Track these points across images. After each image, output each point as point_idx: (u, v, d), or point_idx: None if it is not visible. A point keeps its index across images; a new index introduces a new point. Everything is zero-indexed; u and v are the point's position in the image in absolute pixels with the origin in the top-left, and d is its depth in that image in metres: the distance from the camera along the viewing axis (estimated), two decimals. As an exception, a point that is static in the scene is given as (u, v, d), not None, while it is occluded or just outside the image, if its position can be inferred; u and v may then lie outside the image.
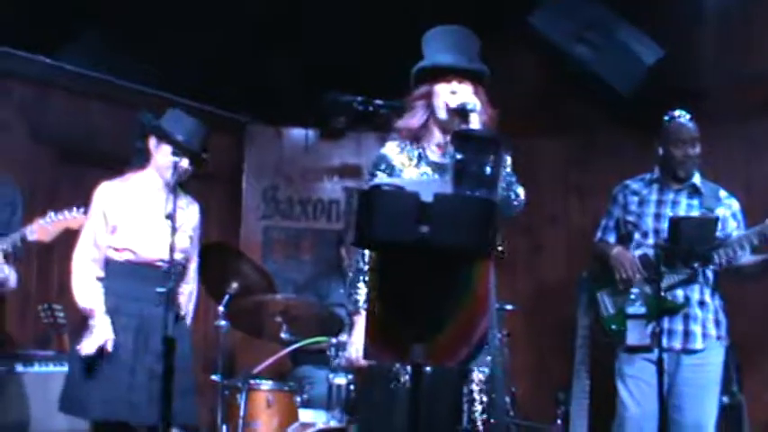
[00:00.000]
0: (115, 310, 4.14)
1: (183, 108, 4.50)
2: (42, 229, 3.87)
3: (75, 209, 4.06)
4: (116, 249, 4.19)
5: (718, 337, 4.57)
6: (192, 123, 4.34)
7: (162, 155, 4.23)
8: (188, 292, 4.47)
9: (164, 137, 4.22)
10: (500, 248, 2.48)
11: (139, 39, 5.92)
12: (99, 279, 4.18)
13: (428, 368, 2.85)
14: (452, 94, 3.54)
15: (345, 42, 6.09)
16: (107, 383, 4.04)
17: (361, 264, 3.57)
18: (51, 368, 4.95)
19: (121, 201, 4.23)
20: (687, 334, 4.50)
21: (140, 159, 4.32)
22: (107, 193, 4.24)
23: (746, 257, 4.51)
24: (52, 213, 3.91)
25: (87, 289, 4.14)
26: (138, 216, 4.20)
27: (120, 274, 4.19)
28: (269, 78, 6.41)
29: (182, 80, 6.04)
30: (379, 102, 5.72)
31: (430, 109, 3.62)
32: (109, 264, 4.21)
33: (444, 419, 3.33)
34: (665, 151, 4.63)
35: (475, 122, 3.38)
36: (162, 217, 4.08)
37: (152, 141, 4.26)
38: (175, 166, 4.10)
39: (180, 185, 4.21)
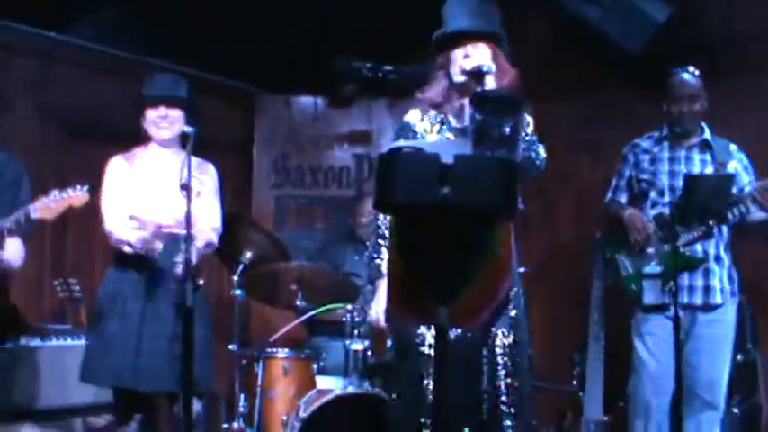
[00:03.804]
0: (122, 278, 4.18)
1: (190, 79, 4.50)
2: (45, 207, 3.85)
3: (78, 187, 4.07)
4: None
5: (732, 293, 4.58)
6: (164, 78, 4.39)
7: (147, 119, 4.29)
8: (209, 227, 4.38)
9: (141, 102, 4.29)
10: (521, 209, 2.48)
11: (146, 10, 5.89)
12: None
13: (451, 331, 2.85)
14: (466, 59, 3.55)
15: (353, 8, 6.05)
16: (118, 352, 4.07)
17: (382, 228, 3.58)
18: (69, 342, 4.98)
19: (127, 172, 4.29)
20: (708, 289, 4.51)
21: (141, 138, 4.36)
22: (115, 164, 4.32)
23: (757, 213, 4.51)
24: (56, 192, 3.89)
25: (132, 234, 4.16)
26: (142, 185, 4.24)
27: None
28: (277, 47, 6.38)
29: (190, 52, 6.01)
30: (388, 68, 5.69)
31: (448, 77, 3.63)
32: None
33: (464, 381, 3.34)
34: (667, 108, 4.63)
35: (491, 84, 3.38)
36: (167, 184, 4.14)
37: (141, 116, 4.32)
38: (165, 118, 4.19)
39: (184, 147, 4.20)
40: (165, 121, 4.25)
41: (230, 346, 4.96)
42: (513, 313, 3.52)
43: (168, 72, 4.62)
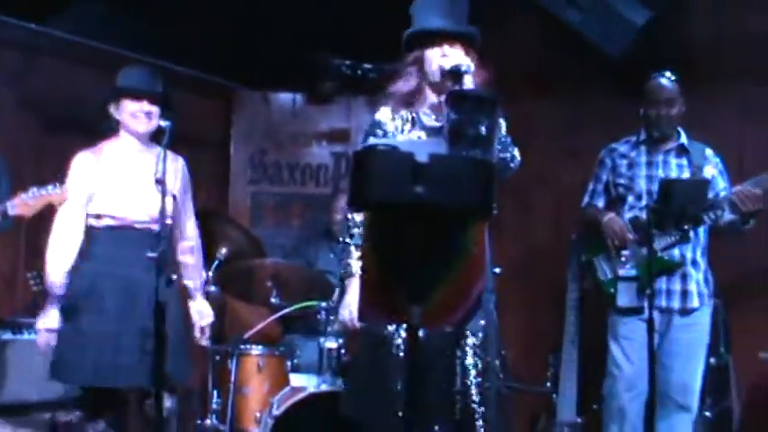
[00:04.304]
0: (97, 274, 4.12)
1: (168, 73, 4.47)
2: (23, 203, 3.83)
3: (58, 184, 4.03)
4: (96, 216, 4.16)
5: (708, 296, 4.61)
6: (143, 71, 4.33)
7: (124, 112, 4.21)
8: (188, 247, 4.44)
9: (118, 93, 4.21)
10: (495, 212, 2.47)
11: (126, 4, 5.85)
12: (79, 248, 4.17)
13: (422, 331, 2.84)
14: (444, 58, 3.54)
15: (333, 6, 6.03)
16: (94, 349, 4.02)
17: (353, 227, 3.57)
18: (42, 336, 4.91)
19: (96, 169, 4.20)
20: (685, 293, 4.54)
21: (110, 130, 4.29)
22: (81, 162, 4.22)
23: (727, 216, 4.53)
24: (35, 188, 3.87)
25: (53, 268, 4.14)
26: (114, 181, 4.17)
27: (101, 240, 4.17)
28: (256, 43, 6.35)
29: (169, 46, 5.98)
30: (367, 66, 5.70)
31: (422, 74, 3.63)
32: (90, 231, 4.19)
33: (437, 382, 3.34)
34: (644, 112, 4.66)
35: (469, 84, 3.37)
36: (140, 179, 4.09)
37: (112, 107, 4.23)
38: (149, 114, 4.14)
39: (157, 143, 4.17)
40: (146, 116, 4.18)
41: (204, 342, 4.93)
42: (484, 313, 3.51)
43: (148, 66, 4.56)
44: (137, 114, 4.18)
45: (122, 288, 4.07)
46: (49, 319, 4.09)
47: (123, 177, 4.18)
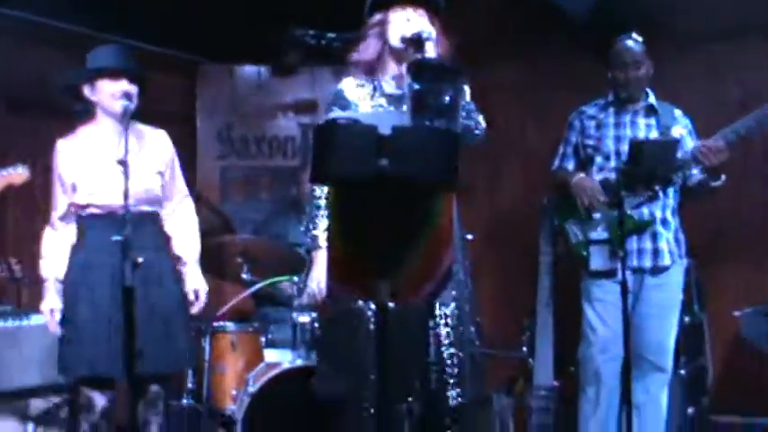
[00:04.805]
0: (87, 265, 4.05)
1: (133, 50, 4.38)
2: None
3: (19, 165, 3.95)
4: (81, 206, 4.08)
5: (680, 256, 4.62)
6: (118, 50, 4.20)
7: (102, 93, 4.08)
8: (178, 218, 4.36)
9: (94, 74, 4.08)
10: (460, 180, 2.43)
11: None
12: (70, 239, 4.14)
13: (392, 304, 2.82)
14: (407, 22, 3.49)
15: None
16: (89, 340, 3.96)
17: (318, 199, 3.53)
18: (9, 323, 4.81)
19: (76, 156, 4.10)
20: (656, 252, 4.53)
21: (86, 114, 4.18)
22: (61, 152, 4.13)
23: (697, 176, 4.55)
24: None
25: (45, 257, 4.15)
26: (94, 167, 4.06)
27: (89, 229, 4.10)
28: (219, 17, 6.26)
29: (131, 22, 5.88)
30: (331, 35, 5.63)
31: (384, 38, 3.58)
32: (78, 221, 4.13)
33: (410, 355, 3.31)
34: (612, 74, 4.66)
35: (430, 51, 3.31)
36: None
37: (86, 90, 4.11)
38: (128, 95, 4.00)
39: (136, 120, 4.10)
40: (126, 96, 4.00)
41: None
42: (456, 282, 3.50)
43: (119, 45, 4.41)
44: (116, 95, 4.02)
45: (112, 276, 3.94)
46: (51, 299, 4.08)
47: (104, 163, 4.03)
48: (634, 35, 4.65)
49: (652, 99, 4.68)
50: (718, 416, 5.31)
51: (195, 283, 4.28)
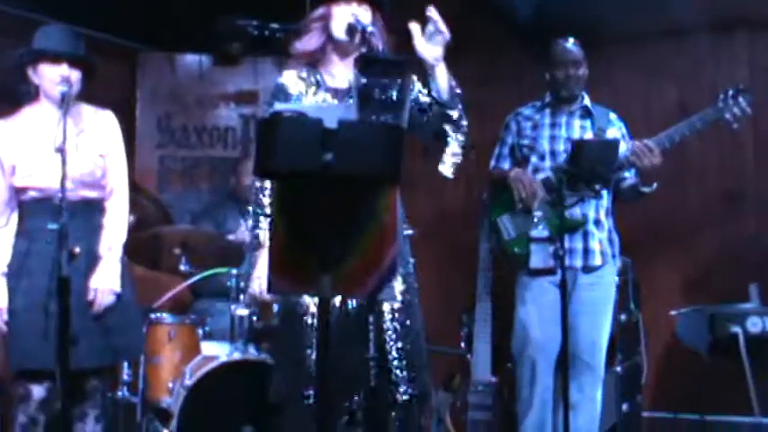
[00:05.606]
0: (27, 252, 3.94)
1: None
2: None
3: None
4: (20, 189, 3.96)
5: (613, 256, 4.66)
6: (62, 31, 4.07)
7: (44, 76, 3.96)
8: (110, 207, 4.12)
9: (37, 56, 3.95)
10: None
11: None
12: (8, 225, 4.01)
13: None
14: (351, 16, 3.47)
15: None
16: (26, 331, 3.85)
17: (262, 195, 3.49)
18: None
19: (16, 138, 3.98)
20: (587, 252, 4.57)
21: (29, 96, 4.06)
22: (0, 133, 3.99)
23: (628, 181, 4.62)
24: None
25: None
26: (35, 150, 3.94)
27: (29, 214, 3.98)
28: (161, 3, 6.18)
29: (71, 6, 5.76)
30: (274, 26, 5.57)
31: (327, 32, 3.54)
32: (20, 206, 4.00)
33: (350, 351, 3.29)
34: (550, 75, 4.70)
35: (374, 45, 3.30)
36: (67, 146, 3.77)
37: (30, 70, 3.99)
38: (68, 80, 3.88)
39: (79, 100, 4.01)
40: (65, 81, 3.86)
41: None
42: (401, 276, 3.49)
43: (66, 26, 4.27)
44: (55, 79, 3.89)
45: (51, 266, 3.75)
46: None
47: (44, 146, 3.88)
48: (571, 39, 4.71)
49: (587, 101, 4.73)
50: (651, 412, 5.40)
51: (97, 280, 3.97)
